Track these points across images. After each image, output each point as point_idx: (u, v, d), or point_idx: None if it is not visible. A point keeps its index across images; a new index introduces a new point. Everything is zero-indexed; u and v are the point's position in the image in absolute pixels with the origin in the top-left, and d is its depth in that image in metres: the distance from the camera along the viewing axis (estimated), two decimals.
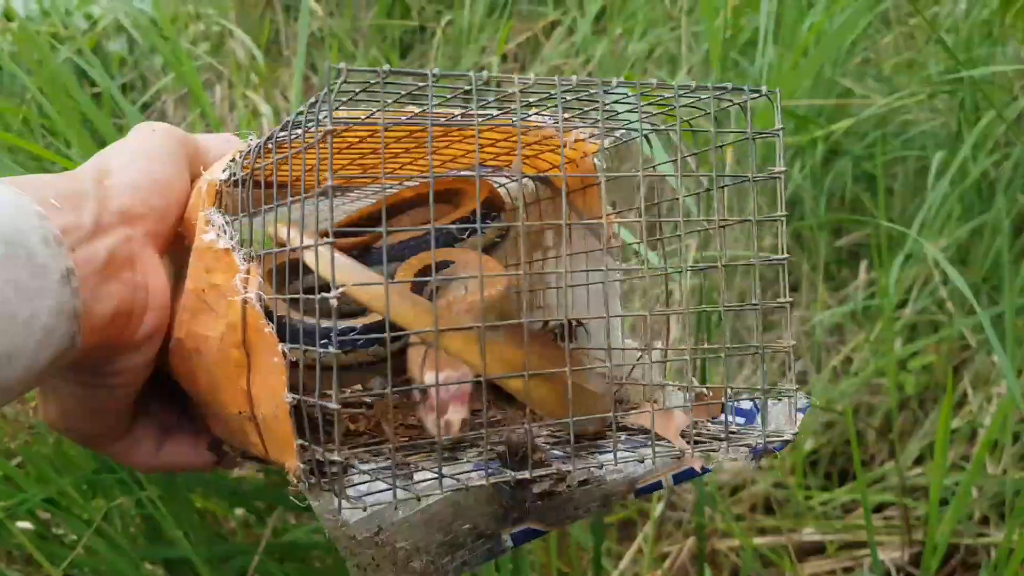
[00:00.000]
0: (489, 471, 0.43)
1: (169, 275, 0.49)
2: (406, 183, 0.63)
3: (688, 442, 0.49)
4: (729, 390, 0.55)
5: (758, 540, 1.01)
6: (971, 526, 0.97)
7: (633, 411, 0.56)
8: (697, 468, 0.49)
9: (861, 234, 1.34)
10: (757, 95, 0.48)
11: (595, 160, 0.60)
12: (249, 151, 0.47)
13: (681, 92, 0.46)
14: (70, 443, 0.69)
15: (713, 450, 0.48)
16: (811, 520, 1.03)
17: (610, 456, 0.45)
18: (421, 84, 0.39)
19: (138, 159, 0.49)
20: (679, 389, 0.57)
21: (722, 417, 0.55)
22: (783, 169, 0.49)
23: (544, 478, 0.43)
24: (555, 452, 0.49)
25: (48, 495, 0.69)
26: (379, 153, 0.53)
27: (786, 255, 0.49)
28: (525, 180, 0.66)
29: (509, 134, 0.55)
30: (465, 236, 0.63)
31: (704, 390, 0.57)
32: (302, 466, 0.40)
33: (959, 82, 1.17)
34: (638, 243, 0.54)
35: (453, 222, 0.62)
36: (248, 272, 0.44)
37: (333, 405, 0.37)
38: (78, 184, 0.46)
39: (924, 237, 1.11)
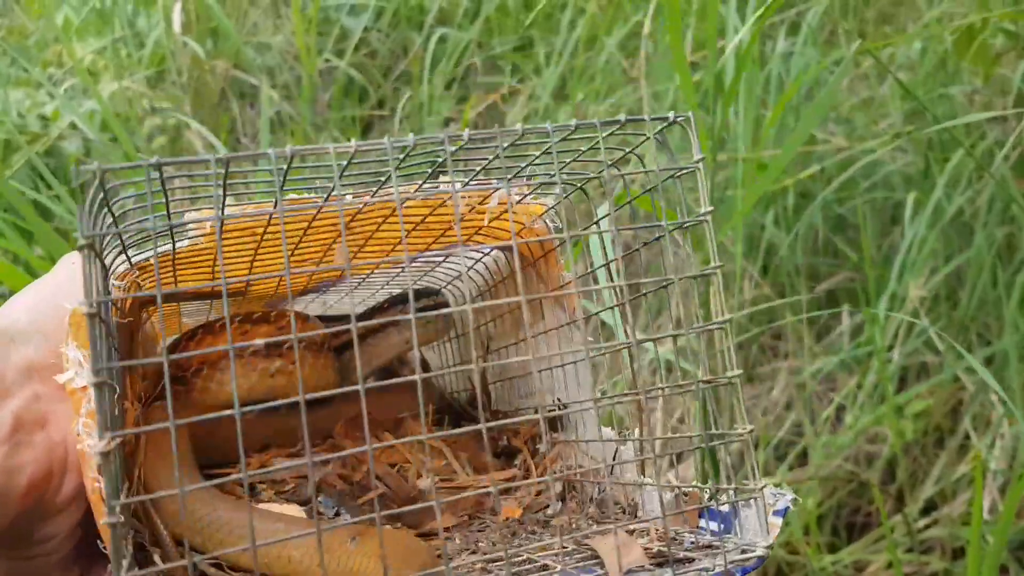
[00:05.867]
0: None
1: None
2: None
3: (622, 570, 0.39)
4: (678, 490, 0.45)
5: None
6: None
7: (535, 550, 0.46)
8: None
9: (841, 277, 1.33)
10: (667, 123, 0.42)
11: (546, 221, 0.56)
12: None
13: (554, 129, 0.40)
14: None
15: None
16: None
17: None
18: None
19: (47, 302, 0.43)
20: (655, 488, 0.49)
21: (702, 525, 0.45)
22: (710, 209, 0.41)
23: None
24: None
25: None
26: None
27: (726, 317, 0.40)
28: (495, 253, 0.63)
29: (435, 207, 0.51)
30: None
31: (678, 490, 0.47)
32: None
33: (922, 121, 1.17)
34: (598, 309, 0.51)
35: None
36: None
37: None
38: None
39: (905, 278, 1.10)
